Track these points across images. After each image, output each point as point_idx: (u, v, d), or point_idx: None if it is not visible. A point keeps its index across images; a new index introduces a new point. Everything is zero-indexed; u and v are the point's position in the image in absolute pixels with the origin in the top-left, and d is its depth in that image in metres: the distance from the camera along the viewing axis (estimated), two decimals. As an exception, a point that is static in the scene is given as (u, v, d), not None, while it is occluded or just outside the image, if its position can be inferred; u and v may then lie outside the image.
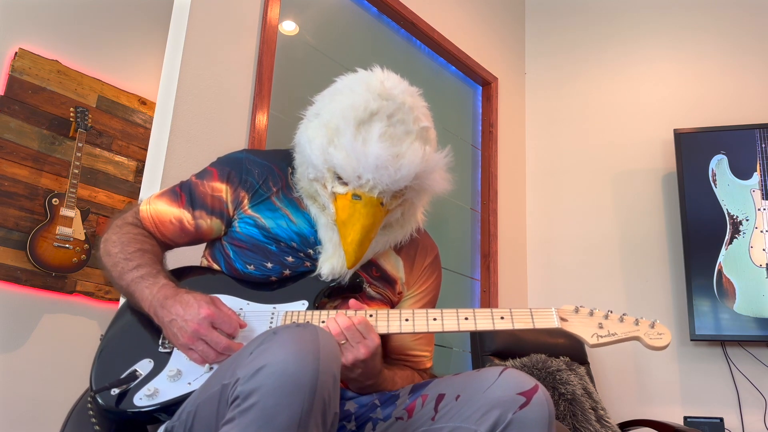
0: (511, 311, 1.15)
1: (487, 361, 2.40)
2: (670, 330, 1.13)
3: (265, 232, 1.24)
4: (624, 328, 1.15)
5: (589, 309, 1.17)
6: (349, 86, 1.21)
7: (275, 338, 0.91)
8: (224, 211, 1.27)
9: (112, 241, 1.22)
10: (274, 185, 1.28)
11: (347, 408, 1.18)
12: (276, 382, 0.86)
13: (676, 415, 2.73)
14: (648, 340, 1.14)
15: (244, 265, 1.24)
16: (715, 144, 2.88)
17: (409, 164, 1.15)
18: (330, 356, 0.90)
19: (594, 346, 1.14)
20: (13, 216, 2.88)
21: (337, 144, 1.15)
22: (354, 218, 1.15)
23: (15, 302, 2.84)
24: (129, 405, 1.06)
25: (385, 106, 1.16)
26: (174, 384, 1.07)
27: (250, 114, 2.11)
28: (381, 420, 1.14)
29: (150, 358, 1.12)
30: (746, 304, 2.67)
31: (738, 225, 2.76)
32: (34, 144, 2.99)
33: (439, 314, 1.16)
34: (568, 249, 3.23)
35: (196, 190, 1.28)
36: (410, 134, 1.18)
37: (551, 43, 3.58)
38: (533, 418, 0.99)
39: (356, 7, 2.72)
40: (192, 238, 1.29)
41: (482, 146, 3.25)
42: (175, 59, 1.97)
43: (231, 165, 1.29)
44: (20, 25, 3.01)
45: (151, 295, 1.12)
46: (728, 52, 3.11)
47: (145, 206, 1.28)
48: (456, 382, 1.09)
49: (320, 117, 1.21)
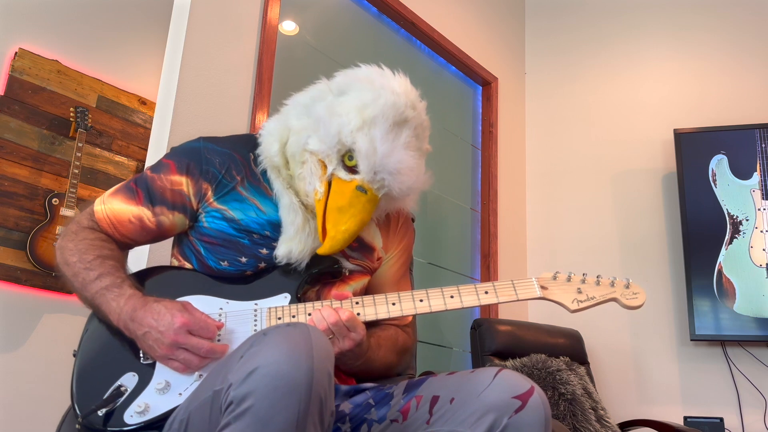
0: (494, 285, 1.18)
1: (487, 361, 2.39)
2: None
3: (235, 224, 1.20)
4: (601, 290, 1.19)
5: (566, 274, 1.21)
6: (386, 84, 1.19)
7: (266, 339, 0.89)
8: (187, 205, 1.21)
9: (69, 249, 1.15)
10: (238, 174, 1.23)
11: (341, 408, 1.15)
12: (270, 383, 0.84)
13: (676, 415, 2.73)
14: (624, 300, 1.18)
15: (217, 262, 1.20)
16: (715, 144, 2.88)
17: (416, 179, 1.18)
18: (323, 354, 0.89)
19: (575, 311, 1.17)
20: (13, 216, 2.88)
21: (368, 133, 1.14)
22: (355, 209, 1.15)
23: (15, 302, 2.84)
24: (119, 424, 1.01)
25: (415, 117, 1.19)
26: (164, 397, 1.03)
27: (250, 114, 2.11)
28: (376, 422, 1.12)
29: (133, 372, 1.07)
30: (746, 304, 2.67)
31: (738, 225, 2.76)
32: (34, 144, 2.99)
33: (425, 295, 1.18)
34: (568, 249, 3.23)
35: (154, 185, 1.21)
36: (421, 152, 1.22)
37: (551, 43, 3.58)
38: (529, 422, 0.97)
39: (356, 7, 2.72)
40: (154, 236, 1.24)
41: (482, 146, 3.25)
42: (175, 59, 1.97)
43: (189, 156, 1.23)
44: (20, 25, 3.01)
45: (119, 307, 1.07)
46: (728, 52, 3.11)
47: (100, 206, 1.21)
48: (450, 383, 1.08)
49: (349, 98, 1.18)
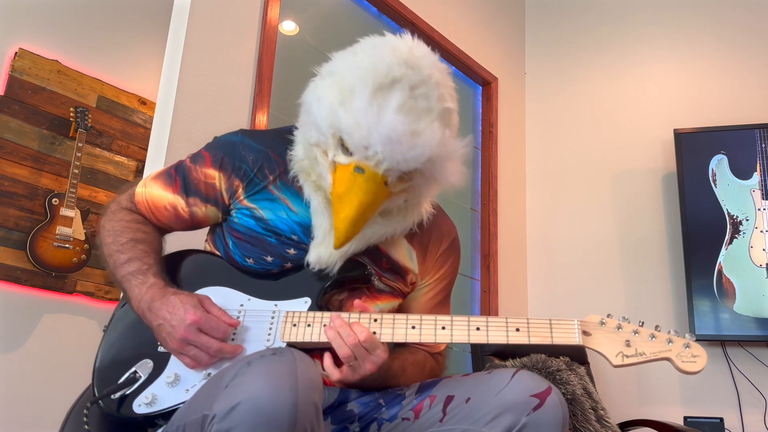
0: (528, 322, 1.04)
1: (486, 361, 2.39)
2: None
3: (263, 224, 1.16)
4: (654, 347, 1.01)
5: (617, 321, 1.04)
6: (372, 47, 1.07)
7: (249, 370, 0.86)
8: (219, 199, 1.20)
9: (106, 229, 1.19)
10: (271, 173, 1.18)
11: (350, 409, 1.13)
12: (252, 420, 0.82)
13: (676, 415, 2.72)
14: (680, 364, 1.00)
15: (243, 258, 1.18)
16: (715, 144, 2.88)
17: (424, 144, 1.01)
18: (309, 385, 0.86)
19: (618, 366, 1.01)
20: (13, 216, 2.88)
21: (349, 107, 1.01)
22: (353, 192, 1.02)
23: (15, 302, 2.84)
24: (128, 411, 1.05)
25: (409, 75, 1.02)
26: (172, 390, 1.06)
27: (250, 114, 2.11)
28: (386, 420, 1.10)
29: (149, 359, 1.10)
30: (746, 304, 2.67)
31: (738, 225, 2.76)
32: (34, 144, 2.99)
33: (449, 322, 1.06)
34: (568, 249, 3.23)
35: (190, 176, 1.21)
36: (431, 112, 1.04)
37: (551, 43, 3.58)
38: (547, 420, 0.96)
39: (356, 7, 2.72)
40: (188, 225, 1.25)
41: (482, 146, 3.25)
42: (175, 59, 1.97)
43: (224, 150, 1.20)
44: (20, 25, 3.01)
45: (140, 295, 1.09)
46: (728, 52, 3.11)
47: (141, 188, 1.24)
48: (466, 383, 1.06)
49: (334, 75, 1.07)
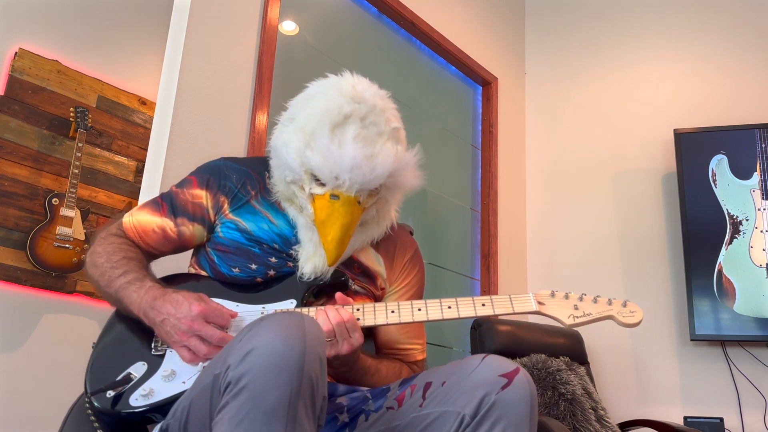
0: (491, 298, 1.24)
1: (487, 361, 2.39)
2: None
3: (247, 234, 1.28)
4: (598, 308, 1.21)
5: (564, 292, 1.24)
6: (321, 91, 1.25)
7: (262, 323, 0.94)
8: (205, 217, 1.31)
9: (98, 252, 1.25)
10: (252, 189, 1.32)
11: (339, 401, 1.22)
12: (264, 363, 0.88)
13: (676, 415, 2.73)
14: (621, 318, 1.20)
15: (229, 269, 1.27)
16: (715, 144, 2.88)
17: (382, 163, 1.20)
18: (315, 339, 0.93)
19: (570, 326, 1.20)
20: (13, 216, 2.88)
21: (314, 147, 1.19)
22: (333, 217, 1.20)
23: (15, 302, 2.84)
24: (125, 406, 1.08)
25: (357, 109, 1.21)
26: (169, 383, 1.10)
27: (250, 114, 2.11)
28: (373, 411, 1.18)
29: (143, 361, 1.14)
30: (746, 304, 2.67)
31: (738, 225, 2.76)
32: (34, 144, 2.99)
33: (423, 305, 1.21)
34: (568, 249, 3.23)
35: (177, 198, 1.31)
36: (382, 135, 1.23)
37: (551, 43, 3.58)
38: (515, 398, 1.03)
39: (356, 7, 2.72)
40: (175, 246, 1.33)
41: (482, 146, 3.25)
42: (175, 59, 1.97)
43: (209, 172, 1.34)
44: (20, 25, 3.01)
45: (139, 297, 1.15)
46: (728, 52, 3.11)
47: (128, 218, 1.32)
48: (442, 370, 1.15)
49: (295, 122, 1.24)
